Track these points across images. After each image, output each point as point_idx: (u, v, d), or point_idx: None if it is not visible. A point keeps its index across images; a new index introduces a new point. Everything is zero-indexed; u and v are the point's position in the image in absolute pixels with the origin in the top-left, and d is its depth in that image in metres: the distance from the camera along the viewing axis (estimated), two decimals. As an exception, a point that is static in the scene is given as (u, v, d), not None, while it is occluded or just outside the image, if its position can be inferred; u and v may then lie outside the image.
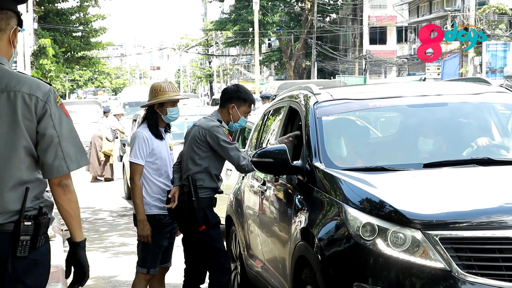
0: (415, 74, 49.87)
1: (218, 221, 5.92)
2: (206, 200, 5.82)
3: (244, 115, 5.92)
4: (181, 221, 5.91)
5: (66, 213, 3.40)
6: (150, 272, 6.03)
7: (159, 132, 6.00)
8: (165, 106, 5.99)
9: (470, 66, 37.26)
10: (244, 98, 5.89)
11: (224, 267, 5.86)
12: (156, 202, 5.97)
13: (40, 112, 3.32)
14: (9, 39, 3.43)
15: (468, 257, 4.01)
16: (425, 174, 4.81)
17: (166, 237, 6.01)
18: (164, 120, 6.04)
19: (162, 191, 5.98)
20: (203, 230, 5.78)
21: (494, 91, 5.88)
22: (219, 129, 5.74)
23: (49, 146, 3.33)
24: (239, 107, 5.88)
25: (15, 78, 3.36)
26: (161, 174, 5.99)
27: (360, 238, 4.22)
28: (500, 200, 4.29)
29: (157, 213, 5.94)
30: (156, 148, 5.94)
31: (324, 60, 56.60)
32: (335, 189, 4.68)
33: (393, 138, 5.65)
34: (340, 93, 6.04)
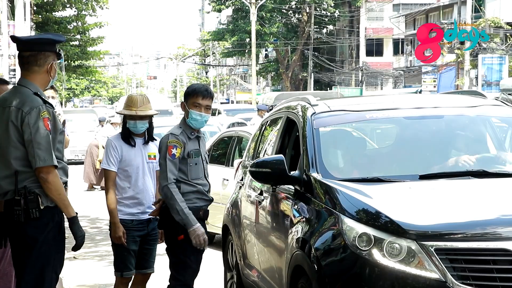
0: (411, 86, 50.01)
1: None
2: (190, 210, 5.65)
3: (194, 108, 5.69)
4: (164, 230, 5.91)
5: (51, 197, 4.61)
6: (124, 275, 6.18)
7: (130, 140, 6.18)
8: (131, 119, 6.17)
9: (466, 78, 37.35)
10: (187, 91, 5.82)
11: (188, 285, 5.77)
12: (123, 207, 6.13)
13: (21, 121, 4.57)
14: (46, 71, 4.73)
15: (463, 268, 4.05)
16: (421, 186, 4.86)
17: (134, 241, 6.14)
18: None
19: (131, 197, 6.15)
20: (180, 241, 5.67)
21: (489, 104, 5.94)
22: (165, 139, 5.73)
23: (28, 146, 4.56)
24: (187, 102, 5.75)
25: (17, 96, 4.63)
26: (130, 181, 6.15)
27: (356, 248, 4.27)
28: (495, 212, 4.34)
29: (123, 218, 6.11)
30: (126, 156, 6.12)
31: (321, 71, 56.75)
32: (331, 200, 4.72)
33: (389, 150, 5.70)
34: (338, 104, 6.10)
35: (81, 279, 8.45)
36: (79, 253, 9.94)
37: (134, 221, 6.13)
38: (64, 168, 4.82)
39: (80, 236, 4.80)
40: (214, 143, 11.93)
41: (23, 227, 4.60)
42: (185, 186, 5.72)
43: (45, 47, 4.72)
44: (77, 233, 4.76)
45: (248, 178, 6.59)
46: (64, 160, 4.83)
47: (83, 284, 8.54)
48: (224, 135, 11.86)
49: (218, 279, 7.92)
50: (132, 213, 6.14)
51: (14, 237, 4.68)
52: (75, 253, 10.06)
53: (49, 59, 4.71)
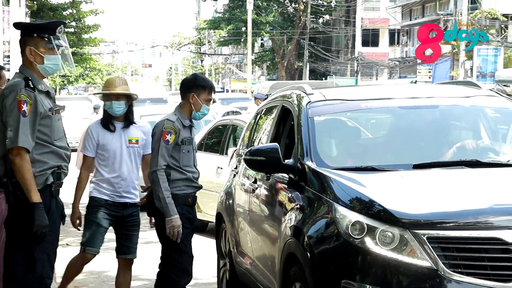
0: (407, 76, 50.01)
1: (188, 221, 5.87)
2: (180, 197, 5.80)
3: (205, 103, 5.90)
4: (154, 218, 5.96)
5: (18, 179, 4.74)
6: (86, 251, 6.26)
7: (108, 125, 6.25)
8: (108, 100, 6.23)
9: (461, 70, 37.40)
10: (203, 85, 5.90)
11: (185, 269, 5.85)
12: (99, 188, 6.25)
13: (2, 104, 4.77)
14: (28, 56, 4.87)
15: (455, 256, 4.08)
16: (415, 175, 4.88)
17: (106, 219, 6.21)
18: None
19: (108, 181, 6.23)
20: None
21: (484, 94, 5.96)
22: (160, 125, 5.80)
23: (4, 128, 4.75)
24: (199, 95, 5.87)
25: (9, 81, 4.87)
26: (107, 165, 6.24)
27: (349, 236, 4.29)
28: (487, 201, 4.37)
29: (97, 196, 6.23)
30: (103, 140, 6.22)
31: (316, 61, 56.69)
32: (325, 188, 4.74)
33: (383, 139, 5.73)
34: (333, 93, 6.11)
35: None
36: (72, 240, 9.96)
37: (109, 201, 6.23)
38: (56, 152, 4.92)
39: (37, 225, 4.72)
40: (208, 132, 11.94)
41: (13, 209, 4.79)
42: (175, 173, 5.79)
43: (24, 32, 4.92)
44: (35, 220, 4.71)
45: (243, 167, 6.61)
46: (57, 144, 4.93)
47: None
48: (219, 124, 11.87)
49: (211, 266, 7.95)
50: (107, 194, 6.23)
51: (7, 218, 4.86)
52: (68, 240, 10.10)
53: (28, 43, 4.88)
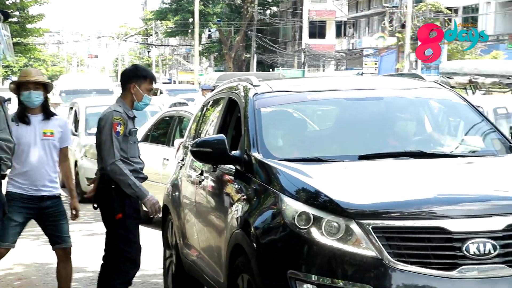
0: (353, 68, 50.49)
1: (137, 212, 5.89)
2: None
3: (147, 92, 5.91)
4: (101, 209, 5.93)
5: None
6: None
7: (23, 117, 6.18)
8: (26, 89, 6.16)
9: (406, 62, 37.88)
10: (144, 75, 5.92)
11: (134, 260, 5.88)
12: (13, 181, 6.19)
13: None
14: None
15: (399, 245, 4.12)
16: (360, 166, 4.92)
17: (19, 213, 6.14)
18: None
19: (21, 173, 6.17)
20: (119, 219, 5.78)
21: (428, 86, 6.03)
22: (109, 116, 5.77)
23: None
24: (140, 85, 5.88)
25: None
26: (20, 159, 6.15)
27: (295, 227, 4.31)
28: (431, 191, 4.42)
29: (11, 190, 6.16)
30: (15, 133, 6.08)
31: (264, 53, 56.81)
32: (272, 179, 4.75)
33: (329, 130, 5.76)
34: (279, 85, 6.12)
35: (17, 257, 8.34)
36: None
37: (24, 195, 6.16)
38: None
39: None
40: (155, 123, 11.88)
41: None
42: (123, 164, 5.76)
43: None
44: None
45: (189, 158, 6.58)
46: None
47: (20, 263, 8.45)
48: (165, 115, 11.82)
49: (157, 258, 7.92)
50: (22, 188, 6.17)
51: None
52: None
53: None
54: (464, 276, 4.07)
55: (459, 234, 4.10)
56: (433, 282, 4.06)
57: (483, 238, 4.10)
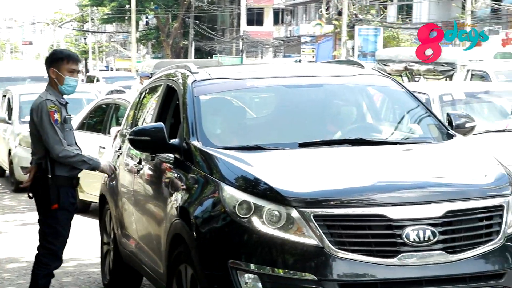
0: (291, 56, 50.65)
1: (72, 205, 5.79)
2: (63, 179, 5.70)
3: (69, 74, 5.74)
4: (36, 199, 5.81)
5: None
6: None
7: None
8: None
9: (343, 49, 38.17)
10: (60, 57, 5.78)
11: (57, 254, 5.78)
12: None
13: None
14: None
15: (340, 233, 4.11)
16: (300, 154, 4.89)
17: None
18: None
19: None
20: (54, 210, 5.67)
21: (367, 73, 6.03)
22: (43, 105, 5.63)
23: None
24: (59, 68, 5.73)
25: None
26: None
27: (236, 216, 4.26)
28: (371, 179, 4.42)
29: None
30: None
31: (202, 40, 56.57)
32: (212, 168, 4.69)
33: (270, 118, 5.71)
34: (218, 72, 6.04)
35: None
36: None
37: None
38: None
39: None
40: (90, 111, 11.72)
41: None
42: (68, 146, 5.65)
43: None
44: None
45: (126, 147, 6.47)
46: None
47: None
48: (101, 103, 11.68)
49: (94, 247, 7.81)
50: None
51: None
52: None
53: None
54: (404, 263, 4.08)
55: (399, 222, 4.12)
56: (373, 269, 4.06)
57: (423, 225, 4.13)
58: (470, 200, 4.29)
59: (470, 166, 4.76)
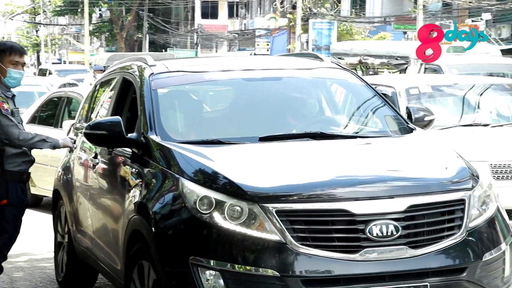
0: (246, 49, 50.65)
1: (21, 201, 5.67)
2: (12, 174, 5.58)
3: (12, 66, 5.65)
4: None
5: None
6: None
7: None
8: None
9: (298, 42, 38.26)
10: (2, 49, 5.68)
11: (1, 250, 5.68)
12: None
13: None
14: None
15: (303, 229, 4.05)
16: (261, 148, 4.82)
17: None
18: None
19: None
20: (1, 206, 5.57)
21: (326, 66, 5.99)
22: None
23: None
24: (2, 60, 5.64)
25: None
26: None
27: (197, 212, 4.17)
28: (332, 173, 4.38)
29: None
30: None
31: (156, 33, 56.22)
32: (171, 162, 4.59)
33: (229, 112, 5.61)
34: (176, 65, 5.92)
35: None
36: None
37: None
38: None
39: None
40: (42, 104, 11.57)
41: None
42: (10, 148, 5.51)
43: None
44: None
45: (81, 141, 6.34)
46: None
47: None
48: (53, 96, 11.57)
49: (47, 242, 7.68)
50: None
51: None
52: None
53: None
54: (367, 258, 4.04)
55: (362, 216, 4.07)
56: (336, 265, 4.01)
57: (386, 219, 4.09)
58: (433, 194, 4.26)
59: (431, 160, 4.74)
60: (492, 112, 9.00)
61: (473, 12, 35.21)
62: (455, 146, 7.26)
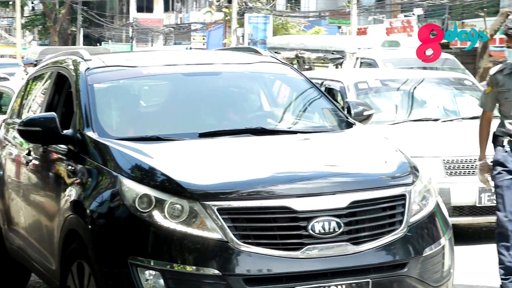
0: (181, 43, 50.34)
1: None
2: None
3: None
4: None
5: None
6: None
7: None
8: None
9: (233, 37, 38.23)
10: None
11: None
12: None
13: None
14: None
15: (245, 227, 4.00)
16: (201, 144, 4.74)
17: None
18: None
19: None
20: None
21: (265, 61, 5.94)
22: None
23: None
24: None
25: None
26: None
27: (136, 210, 4.08)
28: (274, 170, 4.33)
29: None
30: None
31: (90, 26, 55.44)
32: (109, 160, 4.47)
33: (168, 107, 5.49)
34: (113, 59, 5.80)
35: None
36: None
37: None
38: None
39: None
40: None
41: None
42: None
43: None
44: None
45: (12, 136, 6.16)
46: None
47: None
48: (-18, 90, 11.26)
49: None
50: None
51: None
52: None
53: None
54: (309, 255, 4.01)
55: (304, 213, 4.04)
56: (278, 263, 3.97)
57: (328, 216, 4.06)
58: (374, 190, 4.25)
59: (372, 155, 4.73)
60: (439, 107, 8.97)
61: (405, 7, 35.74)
62: (406, 141, 7.26)
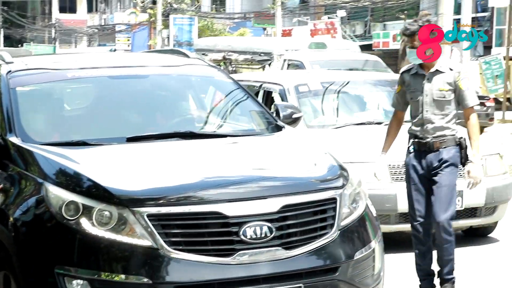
0: (106, 44, 49.74)
1: None
2: None
3: None
4: None
5: None
6: None
7: None
8: None
9: (159, 38, 37.96)
10: None
11: None
12: None
13: None
14: None
15: (176, 233, 3.93)
16: (129, 149, 4.64)
17: None
18: None
19: None
20: None
21: (192, 63, 5.88)
22: None
23: None
24: None
25: None
26: None
27: (63, 218, 3.96)
28: (204, 174, 4.27)
29: None
30: None
31: (11, 27, 54.23)
32: (33, 166, 4.34)
33: (95, 111, 5.35)
34: (36, 62, 5.65)
35: None
36: None
37: None
38: None
39: None
40: None
41: None
42: None
43: None
44: None
45: None
46: None
47: None
48: None
49: None
50: None
51: None
52: None
53: None
54: (241, 261, 3.96)
55: (236, 218, 3.99)
56: (210, 269, 3.91)
57: (259, 221, 4.02)
58: (305, 193, 4.22)
59: (302, 158, 4.71)
60: (379, 109, 8.75)
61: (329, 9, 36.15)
62: (351, 146, 7.15)
